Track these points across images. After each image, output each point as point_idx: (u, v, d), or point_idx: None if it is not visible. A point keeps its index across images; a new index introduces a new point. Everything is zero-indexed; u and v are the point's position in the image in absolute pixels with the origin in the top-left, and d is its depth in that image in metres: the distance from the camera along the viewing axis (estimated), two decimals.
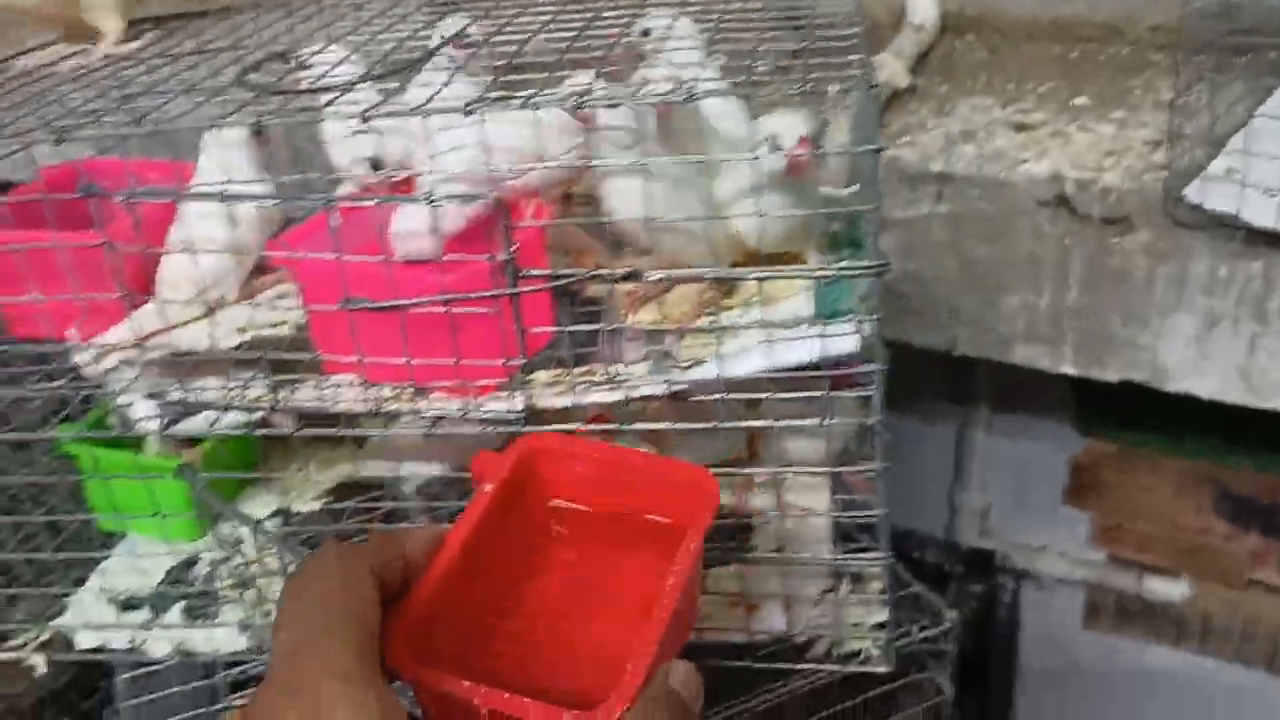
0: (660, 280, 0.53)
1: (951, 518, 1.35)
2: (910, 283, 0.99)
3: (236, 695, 0.69)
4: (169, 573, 0.76)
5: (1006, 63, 1.15)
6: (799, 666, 0.65)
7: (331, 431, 0.61)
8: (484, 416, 0.58)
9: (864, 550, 0.69)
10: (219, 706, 0.69)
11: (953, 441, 1.31)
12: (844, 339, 0.56)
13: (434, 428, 0.60)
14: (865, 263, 0.53)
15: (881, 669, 0.64)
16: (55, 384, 0.66)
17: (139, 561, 0.74)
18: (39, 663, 0.71)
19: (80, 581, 0.76)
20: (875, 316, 0.55)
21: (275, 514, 0.84)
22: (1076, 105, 1.02)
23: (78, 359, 0.68)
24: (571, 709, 0.37)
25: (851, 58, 0.57)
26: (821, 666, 0.65)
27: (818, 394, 0.56)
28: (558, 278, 0.54)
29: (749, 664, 0.64)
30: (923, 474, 1.33)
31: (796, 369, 0.58)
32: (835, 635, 0.65)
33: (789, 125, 0.59)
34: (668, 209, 0.56)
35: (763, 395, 0.57)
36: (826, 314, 0.61)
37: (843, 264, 0.54)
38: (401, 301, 0.55)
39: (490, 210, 0.54)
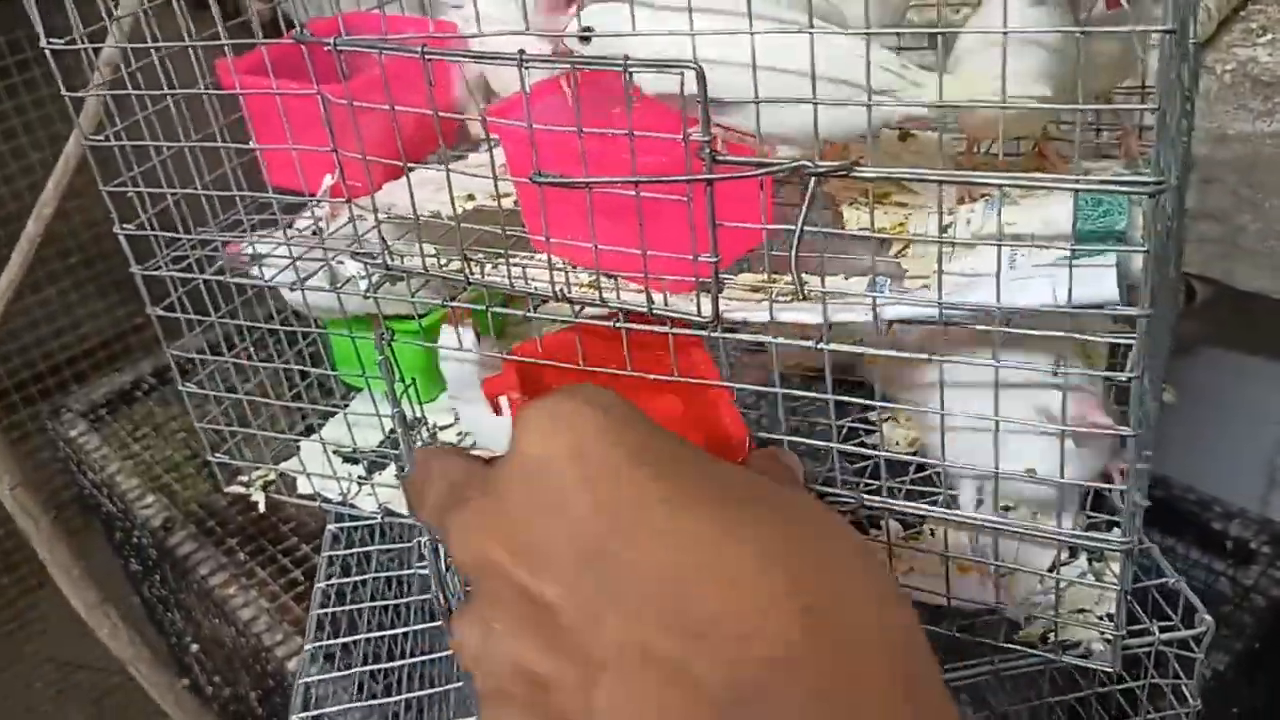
0: (877, 179, 0.44)
1: (1269, 490, 1.16)
2: (1245, 212, 0.83)
3: (424, 563, 0.70)
4: (389, 434, 0.78)
5: None
6: (1004, 645, 0.56)
7: (518, 313, 0.58)
8: (671, 315, 0.53)
9: (1110, 524, 0.58)
10: (407, 571, 0.70)
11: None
12: (1100, 273, 0.46)
13: (617, 321, 0.55)
14: (1137, 176, 0.42)
15: (1104, 666, 0.54)
16: (283, 237, 0.67)
17: (364, 419, 0.75)
18: (260, 501, 0.75)
19: (312, 430, 0.79)
20: (1145, 249, 0.44)
21: None
22: None
23: (317, 212, 0.69)
24: None
25: None
26: (1028, 650, 0.56)
27: (1056, 334, 0.46)
28: (758, 166, 0.47)
29: (947, 632, 0.56)
30: (1239, 436, 1.15)
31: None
32: (1054, 618, 0.56)
33: None
34: None
35: (992, 328, 0.48)
36: (1088, 233, 0.50)
37: (1108, 177, 0.43)
38: (588, 179, 0.50)
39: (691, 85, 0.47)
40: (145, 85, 0.64)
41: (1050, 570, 0.58)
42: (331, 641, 0.65)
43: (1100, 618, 0.56)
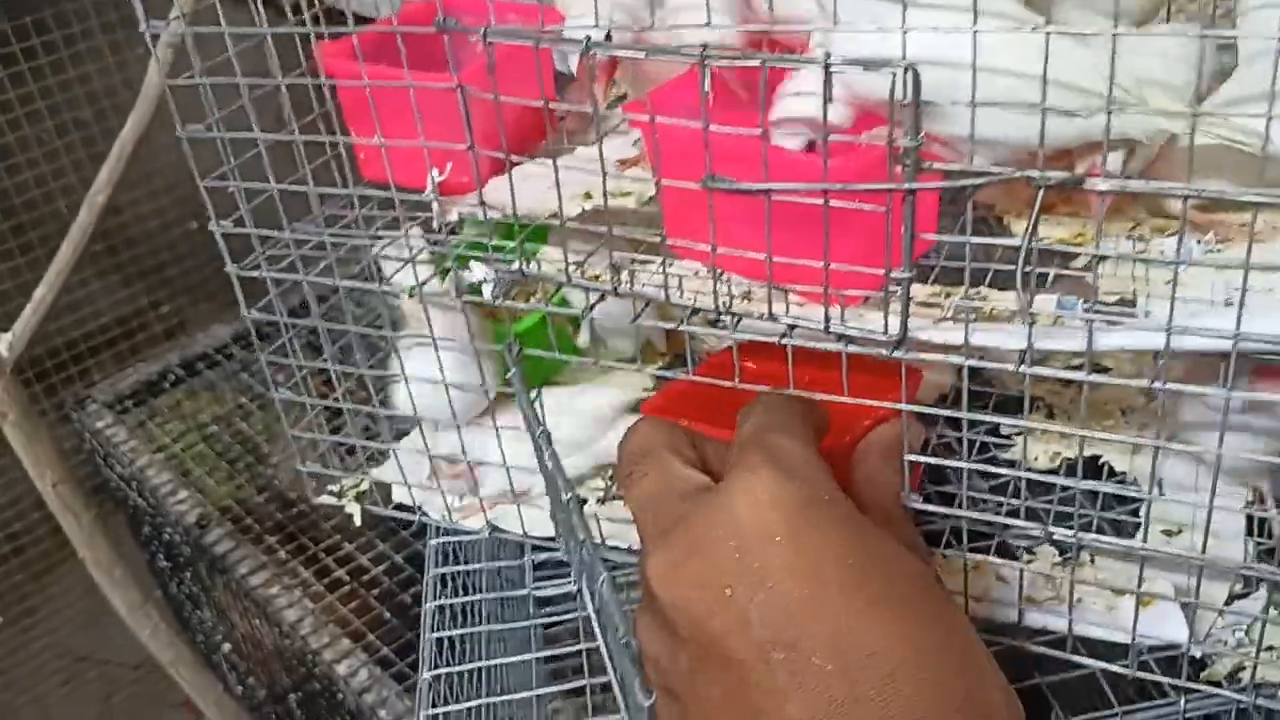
0: (1111, 191, 0.41)
1: None
2: None
3: (539, 583, 0.66)
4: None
5: None
6: (1196, 686, 0.52)
7: (669, 325, 0.54)
8: (850, 333, 0.49)
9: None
10: (520, 591, 0.66)
11: None
12: None
13: (786, 337, 0.51)
14: None
15: None
16: (394, 234, 0.63)
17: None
18: (355, 512, 0.71)
19: (403, 435, 0.75)
20: None
21: None
22: None
23: (435, 206, 0.64)
24: None
25: None
26: (1217, 690, 0.52)
27: None
28: (970, 175, 0.43)
29: (1125, 669, 0.53)
30: None
31: None
32: (1243, 656, 0.52)
33: None
34: None
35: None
36: None
37: None
38: (773, 186, 0.46)
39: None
40: (223, 74, 0.59)
41: (1227, 603, 0.55)
42: (450, 669, 0.61)
43: None
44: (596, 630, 0.48)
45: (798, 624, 0.37)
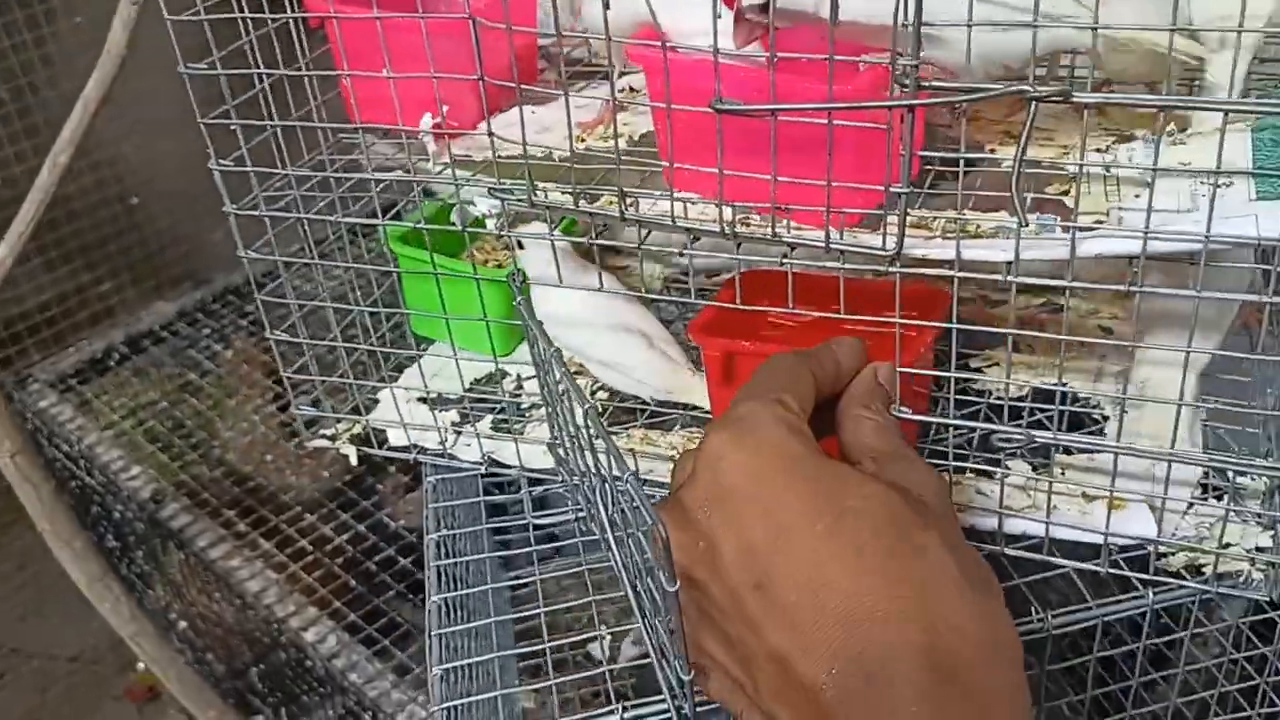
0: (1098, 103, 0.44)
1: None
2: None
3: (538, 512, 0.68)
4: (476, 381, 0.76)
5: None
6: (1163, 580, 0.57)
7: (671, 250, 0.57)
8: (849, 249, 0.52)
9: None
10: (519, 520, 0.68)
11: None
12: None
13: (787, 256, 0.54)
14: None
15: (1260, 596, 0.55)
16: (392, 173, 0.64)
17: (448, 366, 0.73)
18: (351, 454, 0.72)
19: (392, 378, 0.76)
20: None
21: None
22: None
23: (430, 148, 0.65)
24: None
25: None
26: (1183, 583, 0.57)
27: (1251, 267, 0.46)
28: (966, 91, 0.46)
29: (1098, 567, 0.57)
30: None
31: None
32: (1201, 552, 0.57)
33: None
34: None
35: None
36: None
37: None
38: (779, 106, 0.49)
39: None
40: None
41: (1189, 506, 0.59)
42: (452, 593, 0.63)
43: (1251, 550, 0.57)
44: (609, 539, 0.51)
45: (762, 564, 0.41)
